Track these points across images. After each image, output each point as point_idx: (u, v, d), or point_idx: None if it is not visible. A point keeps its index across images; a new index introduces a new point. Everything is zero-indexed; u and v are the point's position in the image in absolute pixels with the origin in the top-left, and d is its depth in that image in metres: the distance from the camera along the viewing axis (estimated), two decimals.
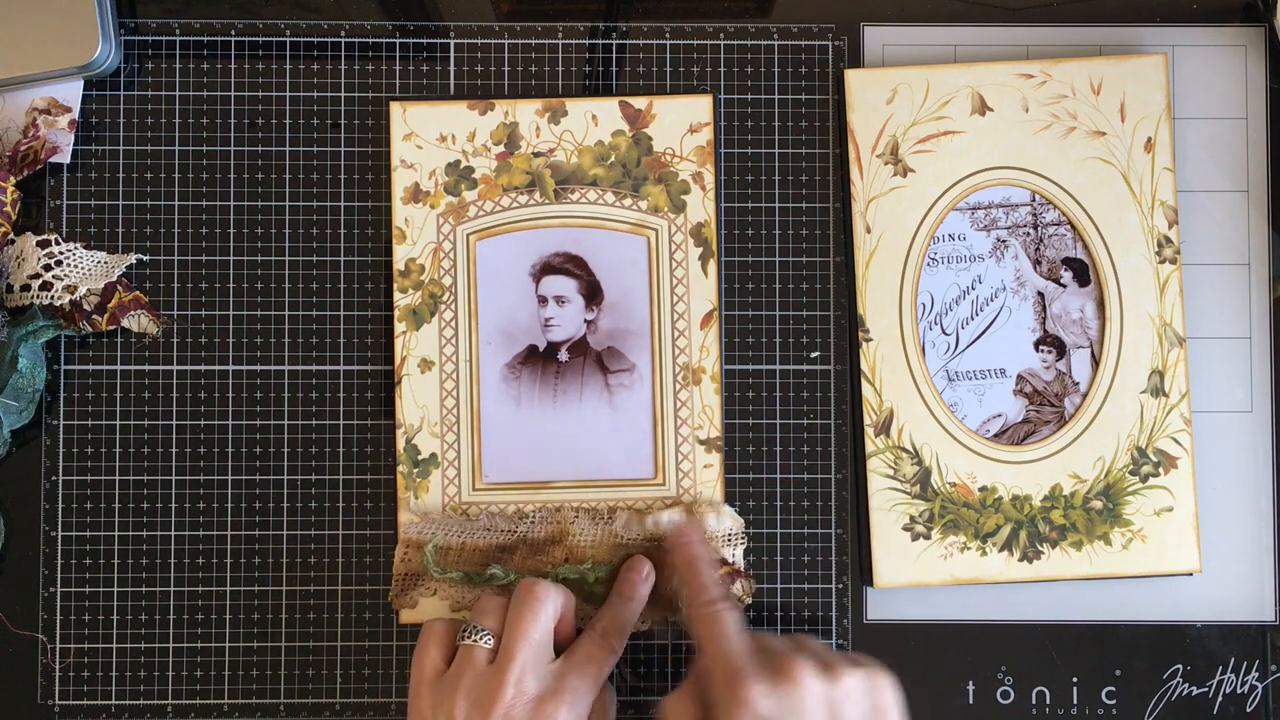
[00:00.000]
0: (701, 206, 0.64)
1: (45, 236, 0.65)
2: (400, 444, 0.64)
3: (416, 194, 0.64)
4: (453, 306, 0.64)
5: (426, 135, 0.64)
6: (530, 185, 0.64)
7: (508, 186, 0.64)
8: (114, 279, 0.65)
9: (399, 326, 0.64)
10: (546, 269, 0.65)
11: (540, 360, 0.65)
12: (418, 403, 0.64)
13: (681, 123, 0.65)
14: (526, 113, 0.65)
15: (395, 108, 0.65)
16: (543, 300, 0.65)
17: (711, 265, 0.64)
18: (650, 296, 0.64)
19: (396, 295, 0.64)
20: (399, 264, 0.64)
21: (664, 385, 0.64)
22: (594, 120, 0.65)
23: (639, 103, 0.65)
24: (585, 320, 0.65)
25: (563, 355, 0.65)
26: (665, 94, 0.65)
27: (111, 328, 0.65)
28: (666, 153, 0.64)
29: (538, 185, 0.64)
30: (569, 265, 0.65)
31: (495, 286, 0.65)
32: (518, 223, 0.64)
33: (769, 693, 0.52)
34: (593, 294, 0.65)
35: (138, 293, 0.65)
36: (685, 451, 0.64)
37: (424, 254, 0.64)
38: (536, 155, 0.64)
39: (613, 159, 0.64)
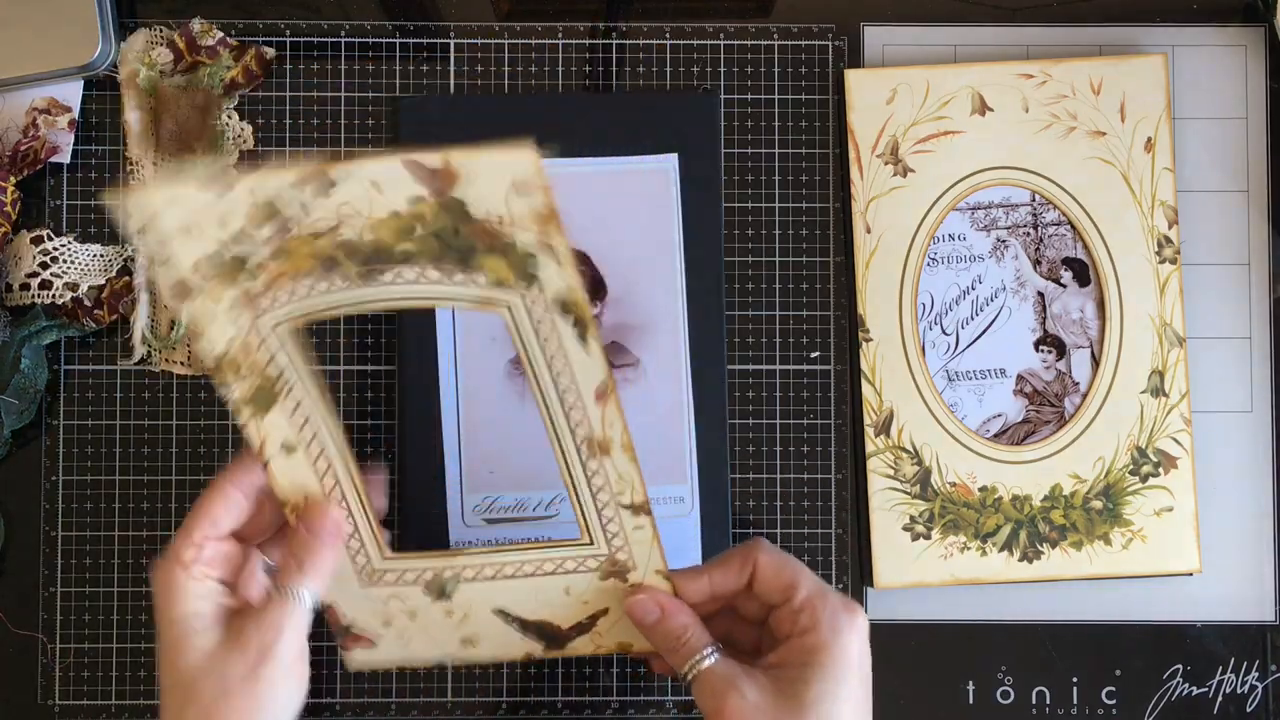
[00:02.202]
0: (559, 278, 0.51)
1: (39, 233, 0.65)
2: (291, 519, 0.55)
3: (187, 291, 0.51)
4: (293, 392, 0.53)
5: (165, 228, 0.50)
6: (328, 265, 0.51)
7: (295, 274, 0.51)
8: (113, 273, 0.65)
9: (241, 416, 0.53)
10: None
11: None
12: (293, 483, 0.55)
13: (501, 182, 0.49)
14: (279, 188, 0.50)
15: (111, 202, 0.51)
16: None
17: (591, 338, 0.52)
18: (526, 370, 0.54)
19: (220, 389, 0.53)
20: (208, 361, 0.53)
21: (568, 453, 0.55)
22: (377, 188, 0.49)
23: (430, 160, 0.49)
24: None
25: None
26: (471, 147, 0.49)
27: (113, 318, 0.65)
28: (491, 219, 0.50)
29: (335, 269, 0.51)
30: None
31: None
32: (330, 309, 0.52)
33: (867, 628, 0.54)
34: (596, 289, 0.65)
35: (127, 279, 0.65)
36: (609, 514, 0.56)
37: (231, 349, 0.52)
38: (317, 236, 0.50)
39: (419, 230, 0.50)
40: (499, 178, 0.49)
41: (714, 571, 0.56)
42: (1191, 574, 0.65)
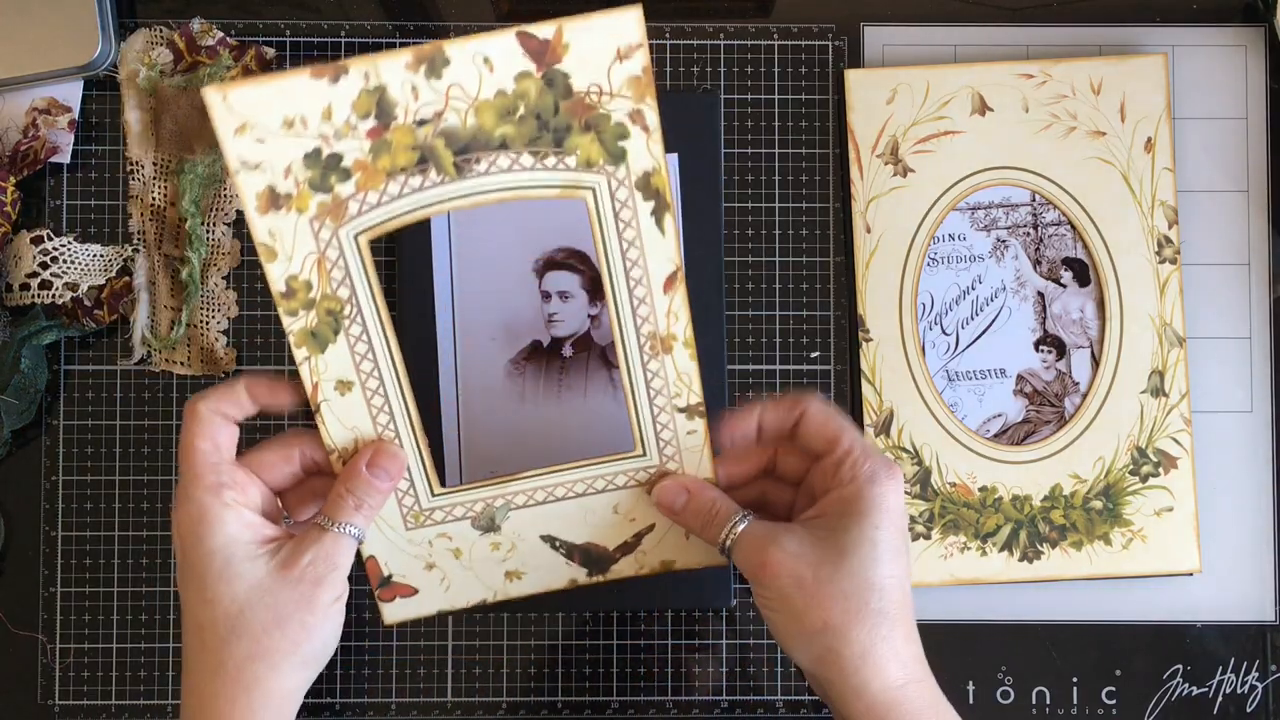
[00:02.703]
0: (647, 152, 0.51)
1: (38, 233, 0.65)
2: (337, 468, 0.55)
3: (275, 199, 0.50)
4: (360, 320, 0.53)
5: (266, 123, 0.49)
6: (422, 163, 0.51)
7: (392, 169, 0.50)
8: (113, 273, 0.65)
9: (298, 353, 0.53)
10: (549, 264, 0.65)
11: (544, 356, 0.65)
12: (346, 425, 0.54)
13: (605, 50, 0.49)
14: (394, 70, 0.49)
15: (212, 95, 0.48)
16: (546, 296, 0.65)
17: (668, 220, 0.52)
18: (600, 262, 0.53)
19: (285, 319, 0.52)
20: (277, 285, 0.52)
21: (630, 355, 0.55)
22: (487, 64, 0.49)
23: (543, 31, 0.49)
24: (589, 315, 0.65)
25: (567, 351, 0.65)
26: (574, 12, 0.50)
27: (113, 318, 0.65)
28: (591, 91, 0.50)
29: (431, 161, 0.51)
30: (572, 260, 0.65)
31: (496, 281, 0.65)
32: (415, 211, 0.52)
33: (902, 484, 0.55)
34: (596, 289, 0.65)
35: (127, 279, 0.65)
36: (664, 421, 0.56)
37: (306, 268, 0.52)
38: (420, 124, 0.50)
39: (522, 110, 0.50)
40: (605, 43, 0.49)
41: (766, 408, 0.57)
42: (1191, 574, 0.65)
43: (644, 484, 0.58)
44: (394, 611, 0.58)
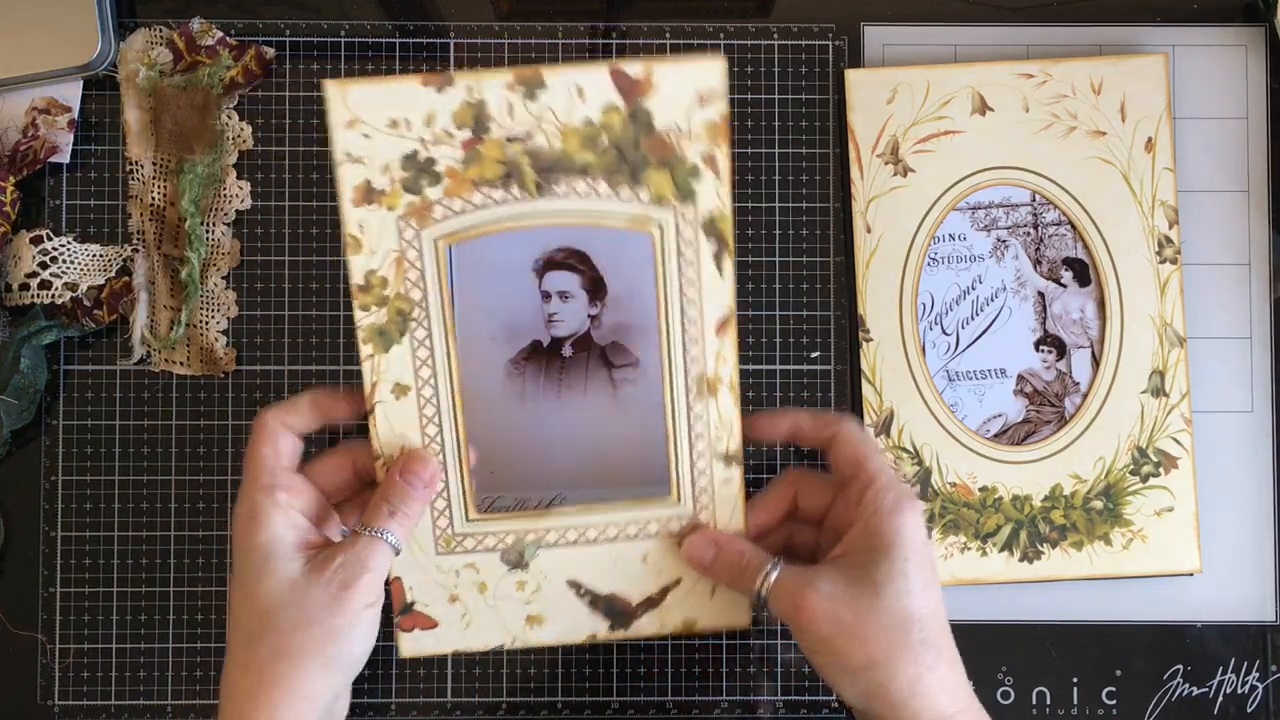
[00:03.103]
0: (715, 195, 0.55)
1: (38, 233, 0.65)
2: (380, 475, 0.56)
3: (369, 194, 0.54)
4: (425, 324, 0.56)
5: (374, 121, 0.53)
6: (506, 178, 0.54)
7: (479, 180, 0.54)
8: (112, 273, 0.65)
9: (364, 349, 0.55)
10: (549, 264, 0.65)
11: (544, 356, 0.65)
12: (395, 431, 0.56)
13: (688, 93, 0.53)
14: (495, 88, 0.53)
15: (332, 89, 0.53)
16: (546, 296, 0.65)
17: (727, 263, 0.55)
18: (658, 300, 0.57)
19: (358, 313, 0.55)
20: (357, 278, 0.55)
21: (675, 397, 0.58)
22: (579, 94, 0.53)
23: (634, 69, 0.53)
24: (589, 315, 0.65)
25: (566, 351, 0.65)
26: (666, 55, 0.55)
27: (112, 318, 0.65)
28: (671, 130, 0.54)
29: (515, 177, 0.54)
30: (572, 260, 0.65)
31: (496, 282, 0.65)
32: (495, 224, 0.55)
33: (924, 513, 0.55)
34: (596, 289, 0.65)
35: (126, 279, 0.65)
36: (701, 468, 0.58)
37: (385, 264, 0.55)
38: (511, 140, 0.54)
39: (605, 141, 0.54)
40: (687, 87, 0.53)
41: (802, 417, 0.58)
42: (1191, 574, 0.65)
43: (675, 535, 0.58)
44: (411, 644, 0.59)
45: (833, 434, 0.57)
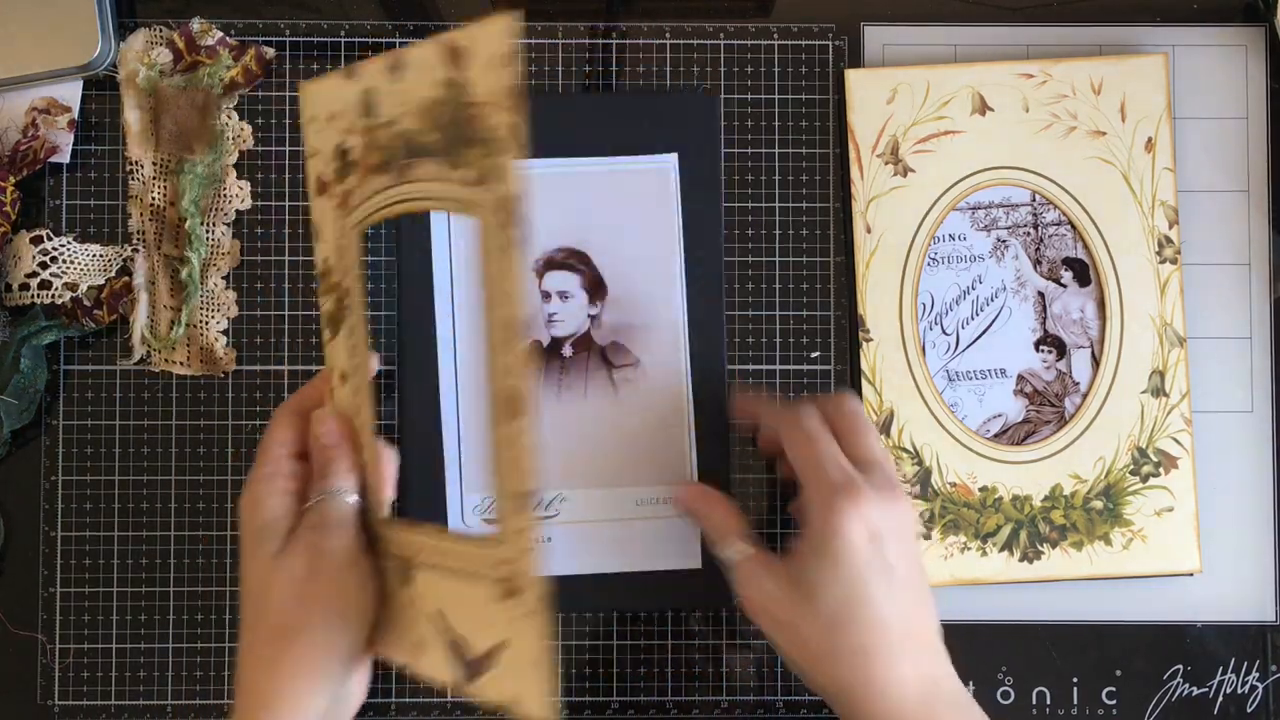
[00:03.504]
0: (514, 177, 0.47)
1: (38, 233, 0.65)
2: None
3: (321, 184, 0.55)
4: (355, 312, 0.56)
5: (320, 115, 0.55)
6: (385, 164, 0.52)
7: (373, 167, 0.53)
8: (112, 273, 0.65)
9: (325, 336, 0.57)
10: (549, 264, 0.65)
11: (544, 356, 0.65)
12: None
13: (494, 60, 0.47)
14: (377, 73, 0.52)
15: (302, 87, 0.56)
16: (546, 296, 0.65)
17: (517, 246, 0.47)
18: (484, 296, 0.49)
19: (320, 300, 0.56)
20: (318, 265, 0.57)
21: (487, 417, 0.50)
22: (425, 72, 0.49)
23: (453, 39, 0.48)
24: (589, 315, 0.65)
25: (566, 351, 0.65)
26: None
27: (112, 318, 0.65)
28: (485, 101, 0.47)
29: (391, 162, 0.52)
30: (572, 260, 0.65)
31: None
32: (381, 209, 0.53)
33: (869, 501, 0.54)
34: (596, 289, 0.65)
35: (126, 279, 0.65)
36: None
37: (334, 253, 0.56)
38: (388, 125, 0.52)
39: (443, 117, 0.49)
40: (491, 52, 0.47)
41: (764, 411, 0.61)
42: (1191, 574, 0.65)
43: (499, 582, 0.48)
44: None
45: (778, 436, 0.58)
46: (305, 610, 0.53)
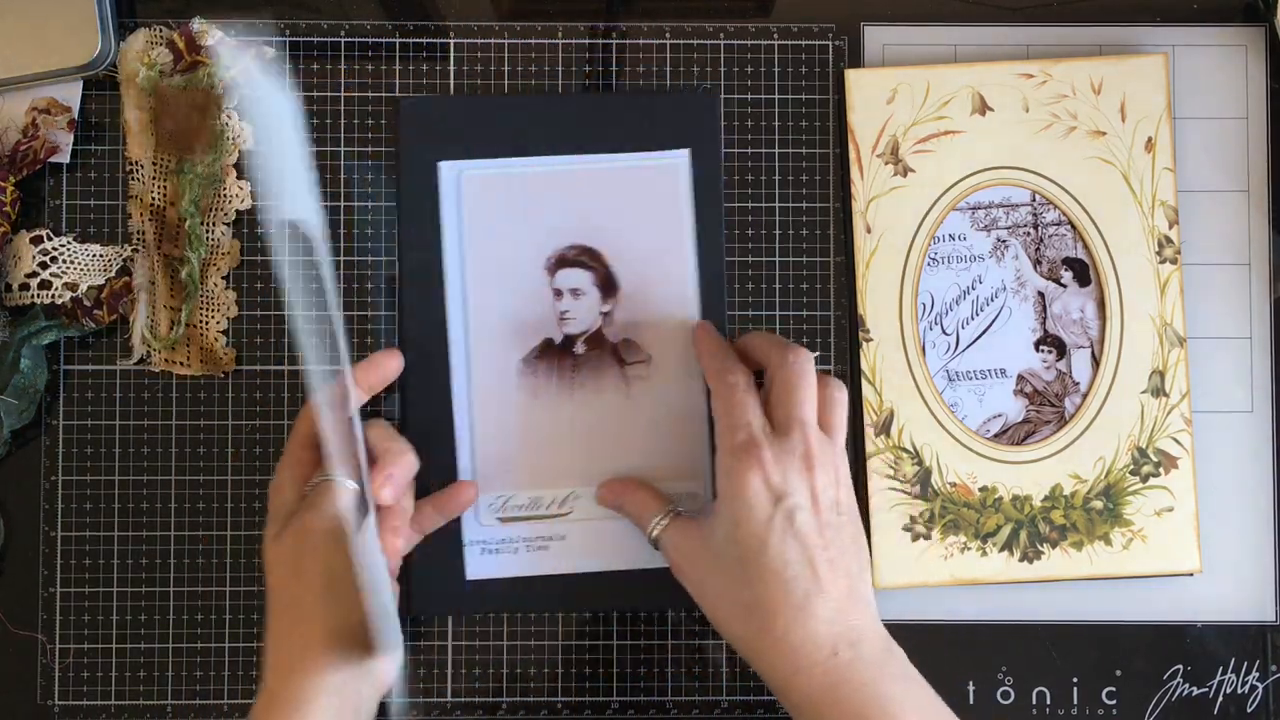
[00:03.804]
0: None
1: (38, 233, 0.65)
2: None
3: None
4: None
5: None
6: None
7: None
8: (112, 273, 0.65)
9: None
10: (561, 261, 0.65)
11: (557, 353, 0.65)
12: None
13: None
14: None
15: None
16: (558, 293, 0.65)
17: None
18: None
19: None
20: None
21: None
22: None
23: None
24: (601, 313, 0.65)
25: (579, 348, 0.65)
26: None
27: (112, 318, 0.65)
28: None
29: None
30: (584, 258, 0.65)
31: (507, 280, 0.64)
32: None
33: (775, 461, 0.56)
34: (608, 286, 0.65)
35: (126, 279, 0.65)
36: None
37: None
38: None
39: None
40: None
41: (713, 357, 0.61)
42: (1191, 574, 0.65)
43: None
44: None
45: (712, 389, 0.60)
46: (298, 585, 0.56)
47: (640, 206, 0.65)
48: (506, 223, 0.65)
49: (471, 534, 0.64)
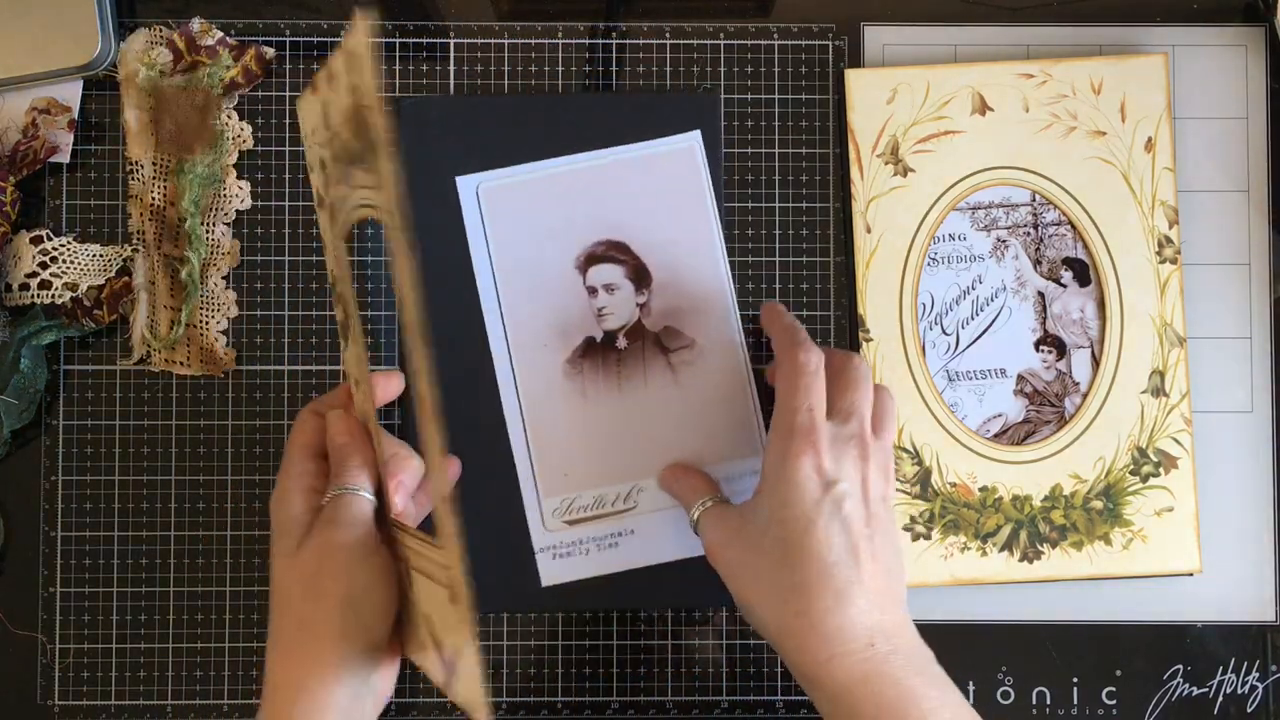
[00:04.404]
0: (390, 179, 0.49)
1: (38, 233, 0.65)
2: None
3: (319, 199, 0.59)
4: (351, 320, 0.58)
5: (306, 130, 0.58)
6: (343, 172, 0.55)
7: (337, 177, 0.56)
8: (112, 273, 0.65)
9: (341, 343, 0.61)
10: (591, 259, 0.65)
11: (600, 351, 0.65)
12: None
13: (369, 64, 0.48)
14: (322, 82, 0.53)
15: (298, 104, 0.57)
16: (592, 291, 0.65)
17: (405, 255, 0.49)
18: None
19: (335, 309, 0.59)
20: (328, 276, 0.59)
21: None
22: (341, 76, 0.51)
23: (351, 43, 0.49)
24: (637, 304, 0.65)
25: (621, 343, 0.65)
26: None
27: (112, 318, 0.65)
28: (368, 105, 0.49)
29: (351, 170, 0.54)
30: (613, 252, 0.65)
31: (540, 287, 0.64)
32: (351, 214, 0.55)
33: (830, 446, 0.56)
34: (641, 277, 0.65)
35: (126, 279, 0.65)
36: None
37: (331, 264, 0.58)
38: (334, 136, 0.55)
39: (355, 125, 0.51)
40: (359, 53, 0.48)
41: (782, 334, 0.60)
42: (1191, 574, 0.65)
43: (445, 586, 0.50)
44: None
45: (775, 366, 0.60)
46: (317, 603, 0.54)
47: (660, 193, 0.65)
48: (531, 229, 0.65)
49: (540, 540, 0.64)
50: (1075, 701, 0.66)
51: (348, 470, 0.57)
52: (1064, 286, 0.66)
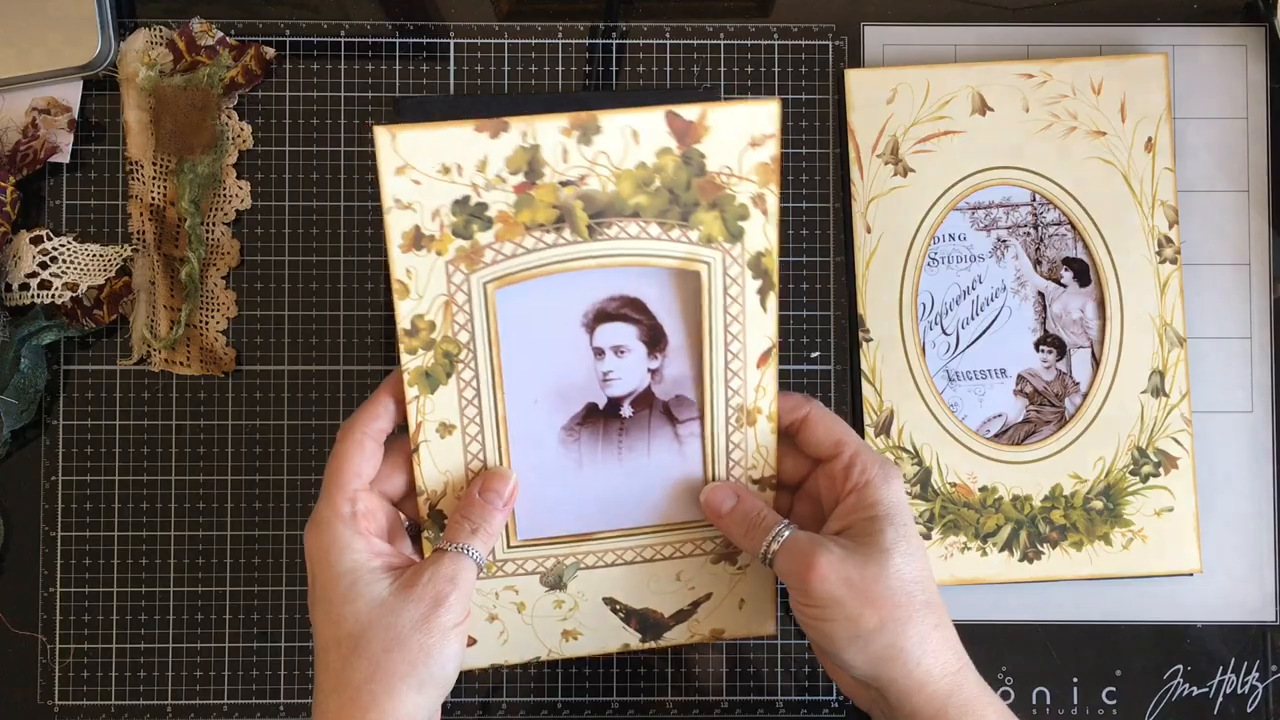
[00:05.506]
0: (762, 234, 0.54)
1: (38, 233, 0.65)
2: (424, 510, 0.57)
3: (418, 239, 0.53)
4: (472, 365, 0.55)
5: (424, 167, 0.52)
6: (558, 221, 0.53)
7: (530, 224, 0.53)
8: (112, 273, 0.65)
9: (410, 390, 0.55)
10: (601, 316, 0.57)
11: (601, 418, 0.58)
12: (439, 468, 0.57)
13: (741, 135, 0.53)
14: (550, 132, 0.52)
15: (382, 134, 0.51)
16: (599, 352, 0.57)
17: (771, 299, 0.55)
18: (703, 336, 0.56)
19: (404, 357, 0.54)
20: (404, 323, 0.54)
21: (715, 428, 0.57)
22: (634, 137, 0.52)
23: (689, 113, 0.52)
24: (649, 370, 0.58)
25: (625, 410, 0.58)
26: (722, 100, 0.57)
27: (112, 318, 0.65)
28: (722, 172, 0.53)
29: (567, 221, 0.53)
30: (626, 310, 0.57)
31: (542, 344, 0.57)
32: (544, 266, 0.54)
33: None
34: (655, 340, 0.57)
35: (126, 279, 0.65)
36: None
37: (433, 309, 0.54)
38: (565, 184, 0.53)
39: (657, 183, 0.53)
40: (740, 129, 0.53)
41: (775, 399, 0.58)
42: (1192, 574, 0.65)
43: (709, 554, 0.60)
44: None
45: (805, 415, 0.58)
46: (412, 661, 0.52)
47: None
48: (534, 281, 0.56)
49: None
50: (1075, 701, 0.66)
51: (486, 533, 0.55)
52: (1064, 286, 0.66)
